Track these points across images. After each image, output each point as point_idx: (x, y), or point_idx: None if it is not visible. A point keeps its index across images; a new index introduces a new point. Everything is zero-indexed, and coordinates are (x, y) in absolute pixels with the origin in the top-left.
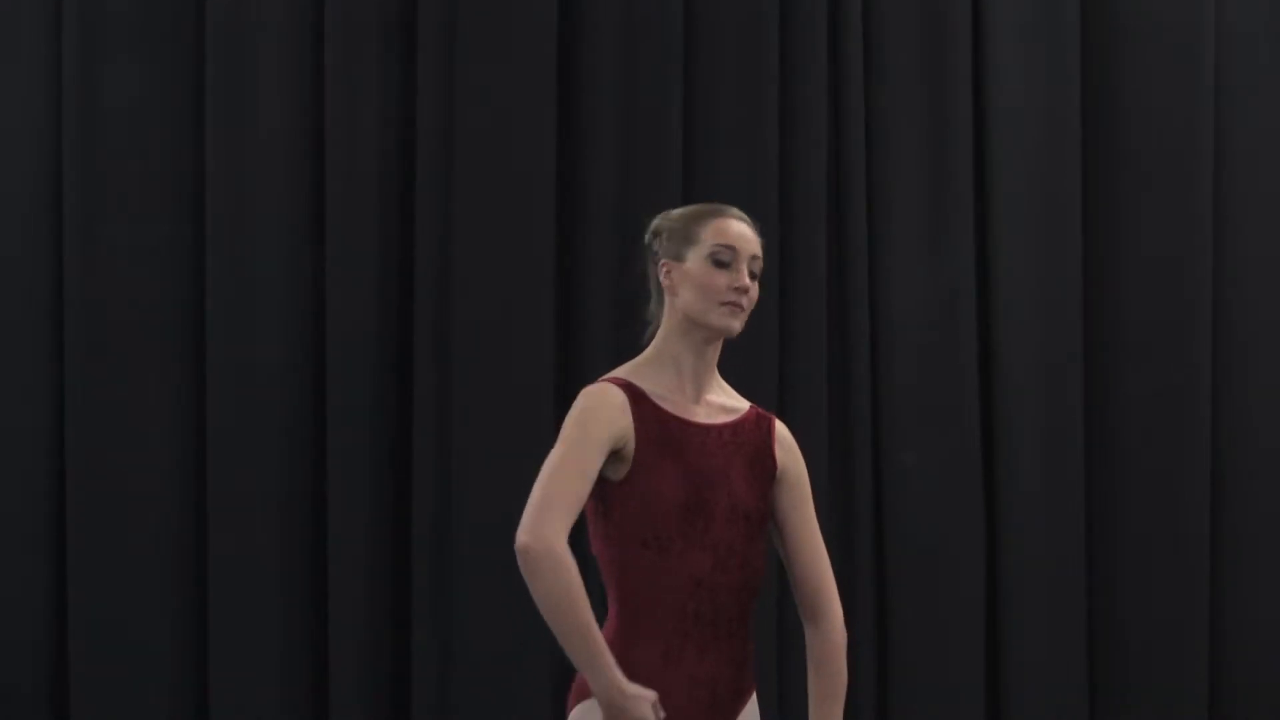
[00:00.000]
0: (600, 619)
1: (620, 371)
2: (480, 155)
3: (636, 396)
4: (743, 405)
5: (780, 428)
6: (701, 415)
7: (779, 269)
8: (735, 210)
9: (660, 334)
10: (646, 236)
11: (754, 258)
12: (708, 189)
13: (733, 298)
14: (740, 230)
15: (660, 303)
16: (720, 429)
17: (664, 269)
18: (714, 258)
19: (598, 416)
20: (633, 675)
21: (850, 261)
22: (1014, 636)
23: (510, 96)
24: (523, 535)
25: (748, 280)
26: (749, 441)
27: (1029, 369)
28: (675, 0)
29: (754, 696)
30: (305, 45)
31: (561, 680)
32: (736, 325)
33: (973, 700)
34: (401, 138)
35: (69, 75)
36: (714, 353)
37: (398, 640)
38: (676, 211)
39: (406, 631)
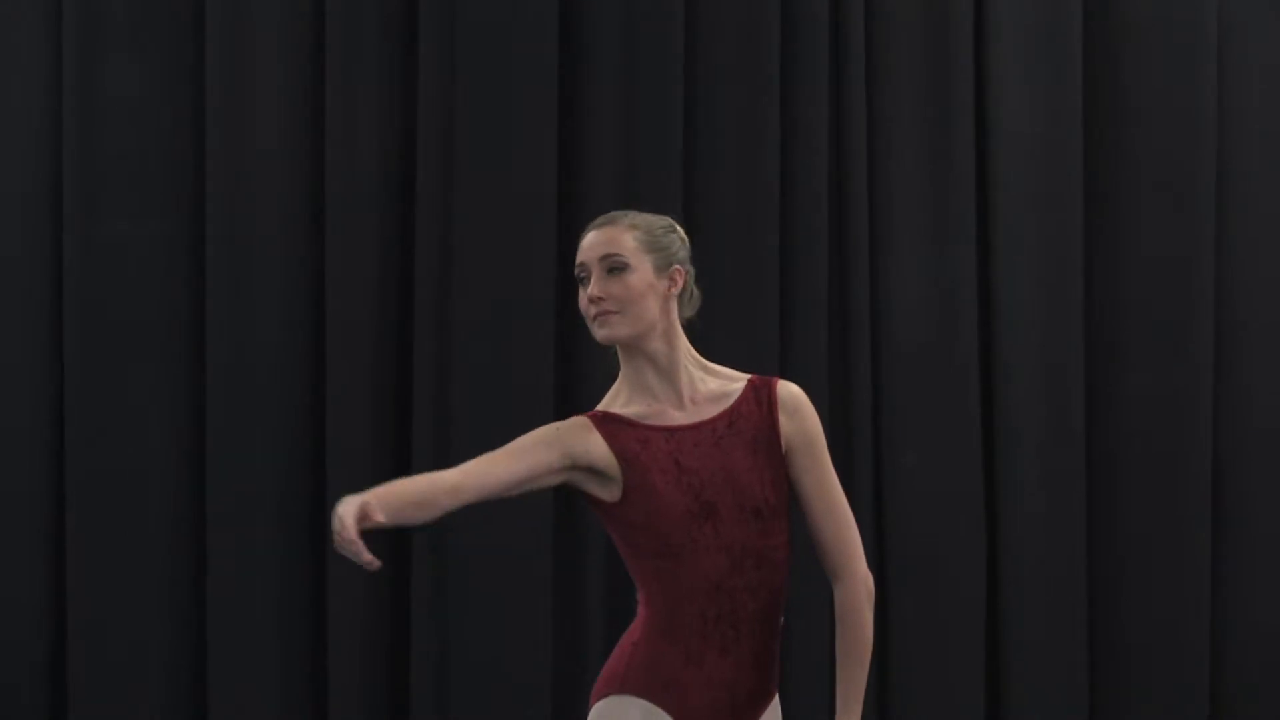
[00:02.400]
0: (630, 618)
1: (599, 405)
2: (481, 154)
3: (608, 422)
4: (737, 385)
5: (783, 391)
6: (687, 416)
7: (780, 269)
8: (596, 221)
9: None
10: None
11: (604, 257)
12: (708, 190)
13: (592, 311)
14: (585, 242)
15: None
16: (713, 424)
17: None
18: (578, 282)
19: (548, 428)
20: (655, 673)
21: (851, 261)
22: (1014, 637)
23: (510, 95)
24: None
25: (593, 288)
26: (749, 425)
27: (1030, 369)
28: (675, 0)
29: (776, 699)
30: (305, 42)
31: (561, 682)
32: (603, 333)
33: (973, 700)
34: (402, 136)
35: (69, 73)
36: (665, 354)
37: (397, 642)
38: None
39: (406, 633)
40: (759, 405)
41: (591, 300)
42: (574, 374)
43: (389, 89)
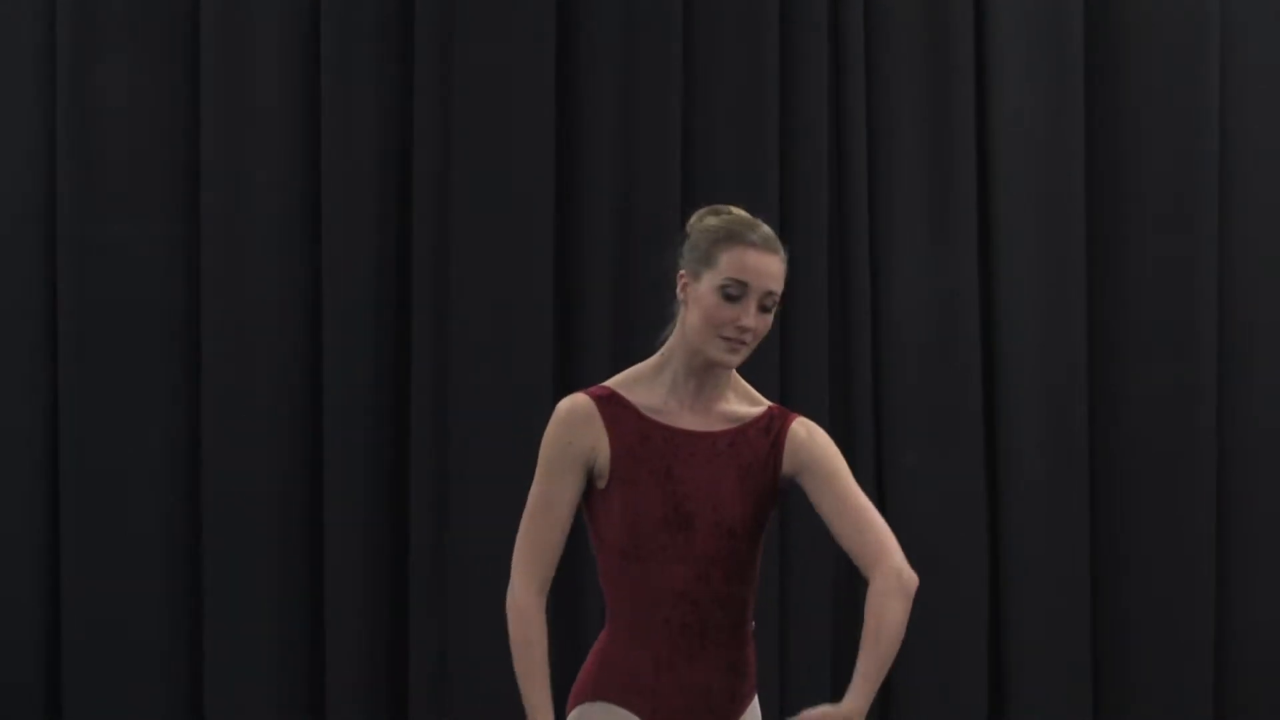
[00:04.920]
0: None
1: (615, 379)
2: (479, 152)
3: (613, 406)
4: (755, 410)
5: (797, 428)
6: (695, 423)
7: None
8: (761, 234)
9: (670, 342)
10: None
11: (768, 293)
12: (708, 188)
13: (733, 334)
14: (757, 263)
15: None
16: (715, 437)
17: (681, 280)
18: (724, 290)
19: (561, 438)
20: (627, 680)
21: (852, 261)
22: (1017, 637)
23: (509, 93)
24: (509, 594)
25: (752, 319)
26: (748, 451)
27: (1032, 369)
28: None
29: (755, 700)
30: (302, 40)
31: (561, 683)
32: (733, 360)
33: (976, 700)
34: (399, 135)
35: (64, 74)
36: (719, 375)
37: (396, 641)
38: (711, 220)
39: (405, 632)
40: (766, 436)
41: (741, 328)
42: (574, 372)
43: (386, 90)
